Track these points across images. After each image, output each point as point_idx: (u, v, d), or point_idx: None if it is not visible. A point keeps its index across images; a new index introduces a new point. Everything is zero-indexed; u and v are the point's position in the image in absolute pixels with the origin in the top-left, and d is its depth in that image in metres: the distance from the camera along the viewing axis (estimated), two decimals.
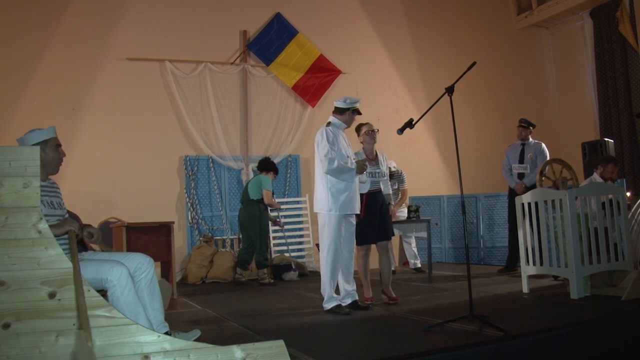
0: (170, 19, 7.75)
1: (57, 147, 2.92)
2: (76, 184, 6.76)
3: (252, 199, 6.33)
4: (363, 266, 4.54)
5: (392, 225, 4.71)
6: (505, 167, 6.37)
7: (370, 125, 4.65)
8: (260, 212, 6.36)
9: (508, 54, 10.24)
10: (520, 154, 6.26)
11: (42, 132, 2.89)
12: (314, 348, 2.97)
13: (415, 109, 8.71)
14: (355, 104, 4.25)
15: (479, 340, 2.96)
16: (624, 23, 8.80)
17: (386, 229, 4.56)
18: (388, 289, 4.56)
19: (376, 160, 4.65)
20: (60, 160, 2.94)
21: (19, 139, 2.88)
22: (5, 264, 2.23)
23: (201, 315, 4.33)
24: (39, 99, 6.98)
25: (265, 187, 6.30)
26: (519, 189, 6.02)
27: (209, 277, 6.91)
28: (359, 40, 8.98)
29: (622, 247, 4.43)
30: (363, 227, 4.40)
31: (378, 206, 4.53)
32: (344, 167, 4.06)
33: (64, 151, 2.98)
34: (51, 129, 2.92)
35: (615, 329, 3.44)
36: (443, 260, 8.32)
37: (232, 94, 8.03)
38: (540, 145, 6.23)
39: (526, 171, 6.16)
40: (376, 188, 4.57)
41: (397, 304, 4.44)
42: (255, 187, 6.36)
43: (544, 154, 6.15)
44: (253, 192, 6.34)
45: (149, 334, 2.33)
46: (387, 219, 4.60)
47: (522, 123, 6.32)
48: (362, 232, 4.40)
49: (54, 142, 2.91)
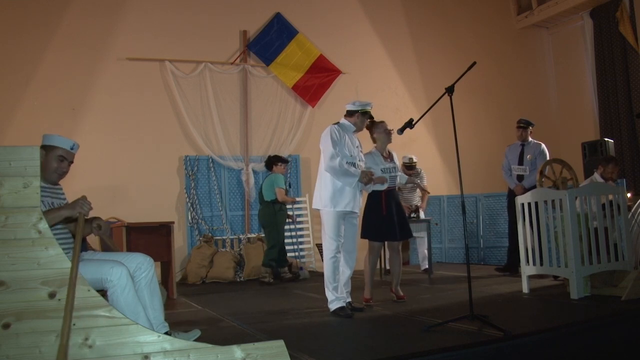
0: (170, 19, 7.76)
1: (61, 159, 2.87)
2: (76, 184, 6.75)
3: (267, 201, 6.40)
4: (372, 265, 4.50)
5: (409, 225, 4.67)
6: (505, 167, 6.31)
7: (385, 124, 4.58)
8: (275, 213, 6.41)
9: (508, 54, 10.24)
10: (519, 155, 6.16)
11: (57, 139, 2.88)
12: (314, 348, 2.96)
13: (415, 109, 8.72)
14: (365, 106, 4.21)
15: (479, 340, 2.96)
16: (624, 23, 8.80)
17: (407, 227, 4.56)
18: (397, 289, 4.60)
19: (390, 156, 4.61)
20: (58, 172, 2.88)
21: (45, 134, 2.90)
22: (5, 264, 2.23)
23: (201, 315, 4.33)
24: (39, 99, 6.98)
25: (278, 185, 6.37)
26: (518, 190, 5.94)
27: (209, 277, 6.91)
28: (359, 40, 8.98)
29: (622, 247, 4.43)
30: (383, 223, 4.38)
31: (394, 203, 4.50)
32: (346, 171, 4.01)
33: (69, 168, 2.93)
34: (67, 141, 2.90)
35: (615, 329, 3.44)
36: (443, 260, 8.32)
37: (232, 94, 8.03)
38: (540, 146, 6.12)
39: (525, 173, 6.06)
40: (393, 185, 4.54)
41: (399, 303, 4.46)
42: (268, 188, 6.42)
43: (543, 155, 6.04)
44: (267, 193, 6.41)
45: (149, 334, 2.33)
46: (405, 217, 4.60)
47: (521, 124, 6.21)
48: (382, 229, 4.38)
49: (60, 152, 2.86)
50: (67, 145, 2.90)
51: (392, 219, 4.43)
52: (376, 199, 4.44)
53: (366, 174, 4.11)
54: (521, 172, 6.10)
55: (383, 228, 4.40)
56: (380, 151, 4.55)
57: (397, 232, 4.45)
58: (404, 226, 4.52)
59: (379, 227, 4.38)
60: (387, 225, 4.41)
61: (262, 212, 6.50)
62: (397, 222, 4.45)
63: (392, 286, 4.67)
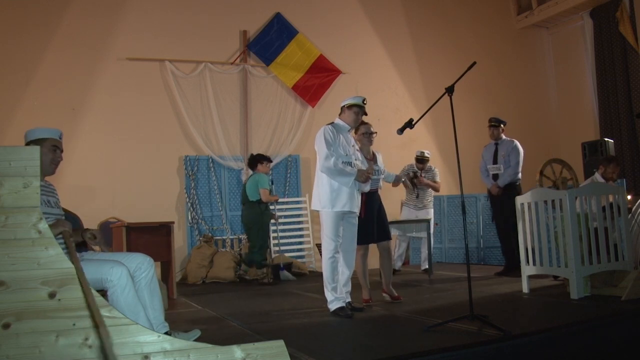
0: (170, 19, 7.76)
1: (54, 149, 2.92)
2: (76, 184, 6.77)
3: (252, 201, 6.34)
4: (362, 267, 4.53)
5: (388, 225, 4.70)
6: (481, 168, 6.25)
7: (368, 127, 4.57)
8: (261, 213, 6.37)
9: (508, 54, 10.24)
10: (494, 154, 6.08)
11: (45, 131, 2.91)
12: (314, 348, 2.96)
13: (415, 109, 8.72)
14: (353, 100, 4.16)
15: (479, 340, 2.96)
16: (624, 23, 8.81)
17: (386, 229, 4.57)
18: (389, 288, 4.57)
19: (374, 159, 4.64)
20: (55, 161, 2.93)
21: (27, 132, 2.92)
22: (5, 264, 2.23)
23: (201, 315, 4.33)
24: (39, 99, 6.98)
25: (262, 186, 6.32)
26: (494, 190, 5.92)
27: (209, 277, 6.91)
28: (359, 40, 8.98)
29: (622, 247, 4.43)
30: (362, 226, 4.37)
31: (376, 206, 4.54)
32: (341, 170, 3.99)
33: (62, 156, 2.98)
34: (54, 131, 2.94)
35: (615, 329, 3.43)
36: (443, 260, 8.31)
37: (232, 94, 8.03)
38: (512, 142, 6.00)
39: (499, 171, 5.97)
40: (374, 187, 4.55)
41: (399, 303, 4.44)
42: (252, 188, 6.35)
43: (515, 151, 5.93)
44: (251, 193, 6.34)
45: (149, 334, 2.33)
46: (384, 219, 4.60)
47: (492, 122, 6.13)
48: (362, 232, 4.37)
49: (52, 142, 2.91)
50: (56, 134, 2.95)
51: (371, 221, 4.45)
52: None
53: (363, 173, 4.08)
54: (496, 171, 6.02)
55: (362, 231, 4.36)
56: (363, 152, 4.53)
57: (374, 234, 4.47)
58: (382, 228, 4.53)
59: (359, 230, 4.32)
60: (366, 228, 4.40)
61: (247, 212, 6.41)
62: (376, 224, 4.48)
63: (383, 286, 4.66)
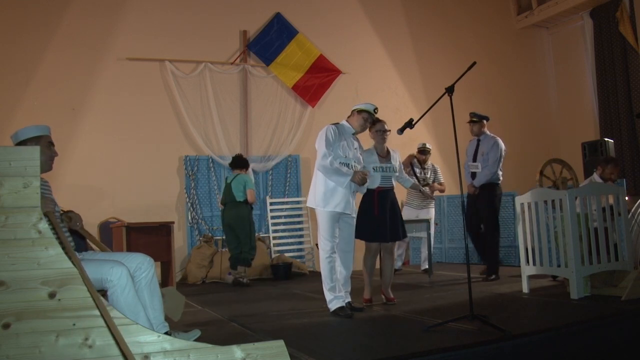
0: (170, 19, 7.76)
1: (50, 145, 2.93)
2: (76, 184, 6.77)
3: (239, 201, 6.28)
4: (370, 266, 4.46)
5: (404, 226, 4.55)
6: (465, 165, 5.82)
7: (382, 124, 4.52)
8: (249, 213, 6.38)
9: (508, 54, 10.24)
10: (475, 151, 5.70)
11: (36, 129, 2.90)
12: (314, 348, 2.96)
13: (415, 109, 8.71)
14: (365, 106, 4.17)
15: (479, 340, 2.96)
16: (624, 23, 8.81)
17: (398, 230, 4.43)
18: (387, 290, 4.52)
19: (387, 157, 4.53)
20: (52, 158, 2.95)
21: (12, 134, 2.89)
22: (5, 264, 2.23)
23: (201, 315, 4.33)
24: (39, 99, 6.98)
25: (250, 187, 6.31)
26: (470, 189, 5.60)
27: (209, 277, 6.91)
28: (359, 40, 8.98)
29: (622, 247, 4.43)
30: (376, 224, 4.30)
31: (389, 204, 4.41)
32: (337, 170, 3.97)
33: (56, 150, 2.99)
34: (45, 127, 2.95)
35: (615, 329, 3.43)
36: (443, 260, 8.31)
37: (232, 94, 8.03)
38: (493, 139, 5.62)
39: (477, 170, 5.59)
40: (388, 185, 4.44)
41: (394, 304, 4.42)
42: (240, 188, 6.28)
43: (495, 149, 5.54)
44: (239, 194, 6.27)
45: (149, 334, 2.33)
46: (399, 219, 4.47)
47: (472, 118, 5.73)
48: (375, 230, 4.31)
49: (47, 139, 2.92)
50: (47, 130, 2.96)
51: (384, 219, 4.35)
52: (369, 198, 4.37)
53: (358, 174, 4.02)
54: (474, 169, 5.63)
55: (375, 228, 4.32)
56: (377, 150, 4.51)
57: (387, 233, 4.36)
58: (396, 227, 4.41)
59: (372, 227, 4.31)
60: (379, 226, 4.34)
61: (236, 212, 6.30)
62: (389, 222, 4.36)
63: (382, 287, 4.63)
